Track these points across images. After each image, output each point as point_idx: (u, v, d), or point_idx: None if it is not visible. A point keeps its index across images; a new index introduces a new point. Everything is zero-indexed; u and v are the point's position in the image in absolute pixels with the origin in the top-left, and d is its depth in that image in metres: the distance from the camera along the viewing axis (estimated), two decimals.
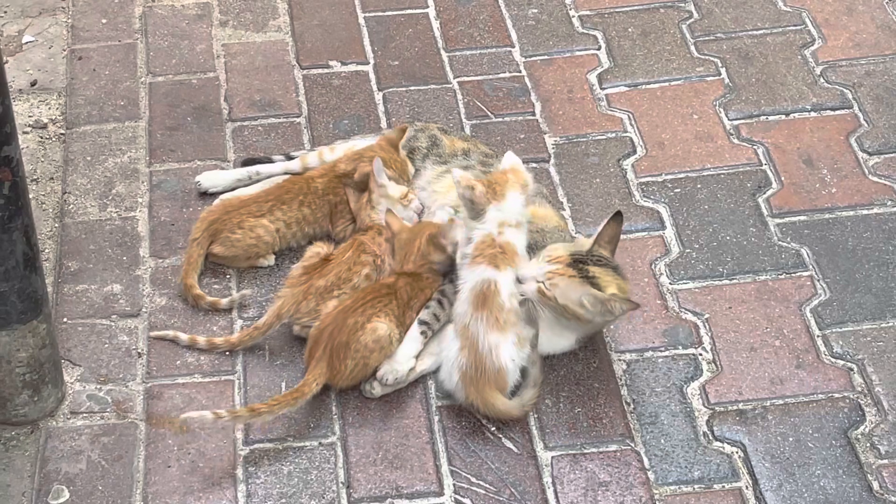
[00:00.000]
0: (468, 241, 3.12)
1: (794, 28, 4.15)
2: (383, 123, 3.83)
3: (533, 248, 3.21)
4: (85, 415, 3.10)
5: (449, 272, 3.23)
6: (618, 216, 3.14)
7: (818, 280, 3.39)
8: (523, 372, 3.08)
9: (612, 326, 3.26)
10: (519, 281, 3.07)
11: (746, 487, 2.96)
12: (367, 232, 3.35)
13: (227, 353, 3.21)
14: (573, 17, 4.21)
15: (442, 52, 4.09)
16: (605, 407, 3.11)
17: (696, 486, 2.96)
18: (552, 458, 3.01)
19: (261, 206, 3.39)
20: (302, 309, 3.18)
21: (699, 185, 3.65)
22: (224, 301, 3.31)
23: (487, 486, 2.96)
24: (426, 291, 3.19)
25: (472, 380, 3.03)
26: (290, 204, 3.41)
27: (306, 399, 3.02)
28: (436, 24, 4.19)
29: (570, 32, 4.15)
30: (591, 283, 3.04)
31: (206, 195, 3.59)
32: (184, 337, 3.22)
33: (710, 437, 3.05)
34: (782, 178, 3.66)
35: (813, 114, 3.86)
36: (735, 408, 3.11)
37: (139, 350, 3.24)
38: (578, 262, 3.07)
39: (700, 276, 3.41)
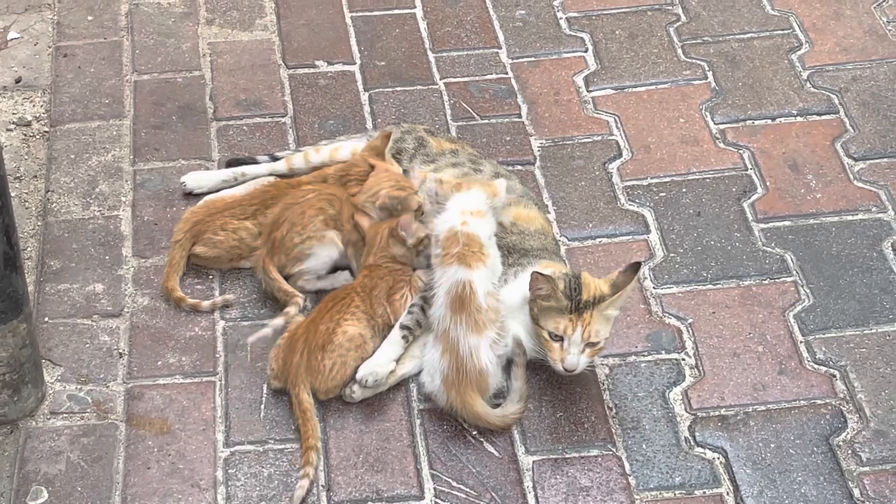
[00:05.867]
0: (437, 240, 3.13)
1: (781, 32, 4.14)
2: (369, 124, 3.82)
3: (511, 251, 3.21)
4: (65, 415, 3.09)
5: (419, 267, 3.27)
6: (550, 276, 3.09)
7: (802, 286, 3.39)
8: (507, 370, 3.09)
9: None
10: (568, 371, 3.04)
11: (727, 494, 2.95)
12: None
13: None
14: (560, 18, 4.20)
15: (429, 52, 4.08)
16: (587, 412, 3.10)
17: (677, 492, 2.96)
18: (533, 462, 3.01)
19: (245, 209, 3.39)
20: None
21: (684, 190, 3.64)
22: (205, 304, 3.30)
23: (468, 490, 2.96)
24: (386, 279, 3.21)
25: (454, 383, 3.02)
26: (275, 209, 3.39)
27: (314, 407, 3.04)
28: (423, 25, 4.18)
29: (557, 34, 4.15)
30: (587, 302, 3.02)
31: (191, 195, 3.58)
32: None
33: (692, 443, 3.05)
34: (767, 183, 3.65)
35: (799, 119, 3.86)
36: (717, 413, 3.10)
37: (120, 350, 3.22)
38: (577, 305, 3.03)
39: (684, 281, 3.40)
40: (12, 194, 3.31)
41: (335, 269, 3.36)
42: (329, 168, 3.49)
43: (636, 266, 3.08)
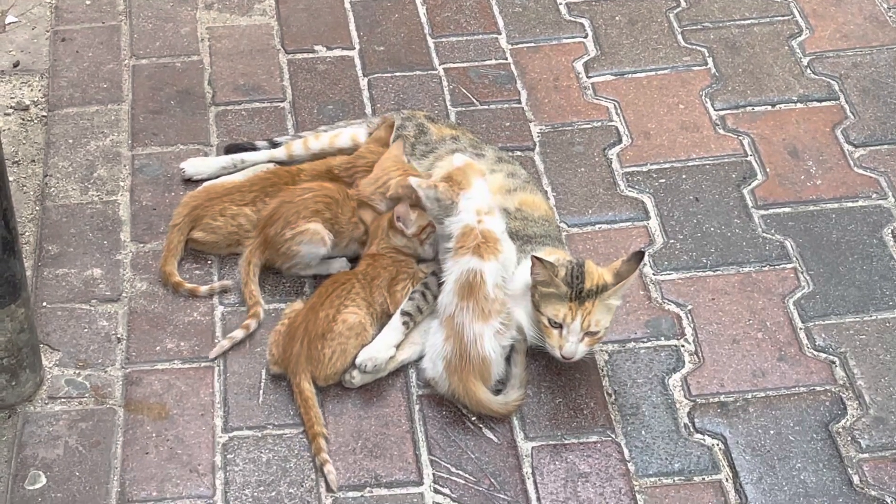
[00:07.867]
0: (449, 237, 3.11)
1: (781, 18, 4.13)
2: (368, 109, 3.80)
3: (514, 238, 3.20)
4: (63, 400, 3.08)
5: (424, 259, 3.27)
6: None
7: (802, 272, 3.38)
8: (508, 357, 3.09)
9: None
10: (566, 358, 3.04)
11: (726, 480, 2.95)
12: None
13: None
14: (560, 4, 4.19)
15: (428, 37, 4.06)
16: (586, 398, 3.10)
17: (676, 478, 2.96)
18: (532, 448, 3.01)
19: (244, 196, 3.38)
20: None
21: (684, 176, 3.63)
22: (203, 288, 3.29)
23: (467, 475, 2.95)
24: (389, 269, 3.21)
25: (456, 369, 3.02)
26: (274, 196, 3.37)
27: (314, 396, 3.03)
28: (422, 10, 4.17)
29: (556, 20, 4.13)
30: (589, 291, 3.02)
31: (190, 181, 3.57)
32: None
33: (691, 429, 3.04)
34: (767, 170, 3.64)
35: (799, 105, 3.85)
36: (716, 400, 3.10)
37: (119, 335, 3.22)
38: (578, 294, 3.01)
39: (684, 267, 3.40)
40: (10, 179, 3.30)
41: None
42: (334, 159, 3.47)
43: (640, 255, 3.06)
